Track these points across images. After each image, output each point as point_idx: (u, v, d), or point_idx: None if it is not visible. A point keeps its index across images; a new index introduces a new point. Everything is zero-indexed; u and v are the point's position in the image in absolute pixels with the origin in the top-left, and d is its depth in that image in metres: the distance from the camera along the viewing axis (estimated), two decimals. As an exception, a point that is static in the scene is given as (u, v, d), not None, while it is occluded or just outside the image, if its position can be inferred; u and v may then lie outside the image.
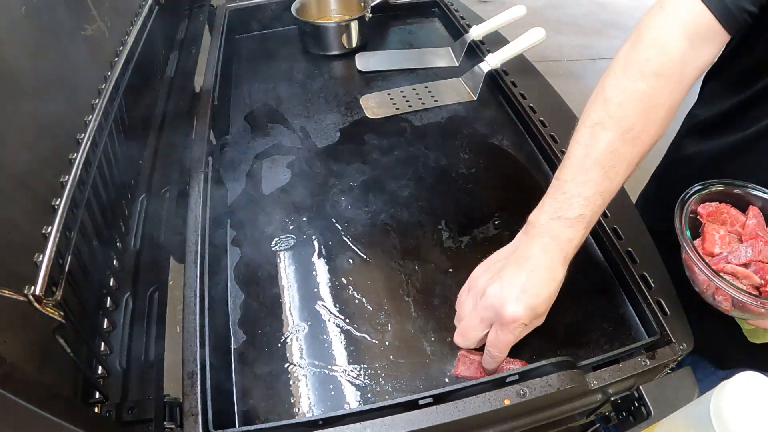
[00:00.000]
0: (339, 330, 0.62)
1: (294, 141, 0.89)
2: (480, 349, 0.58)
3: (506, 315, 0.51)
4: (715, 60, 0.57)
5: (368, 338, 0.61)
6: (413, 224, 0.74)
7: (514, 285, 0.51)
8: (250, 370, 0.59)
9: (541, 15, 3.32)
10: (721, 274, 0.49)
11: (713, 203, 0.54)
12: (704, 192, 0.54)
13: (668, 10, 0.55)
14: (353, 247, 0.71)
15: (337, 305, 0.64)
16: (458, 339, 0.57)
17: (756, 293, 0.48)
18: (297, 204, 0.78)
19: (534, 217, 0.55)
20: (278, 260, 0.70)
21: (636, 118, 0.52)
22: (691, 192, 0.54)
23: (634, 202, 0.77)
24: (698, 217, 0.54)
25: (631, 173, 0.54)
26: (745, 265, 0.50)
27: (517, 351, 0.59)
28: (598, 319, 0.61)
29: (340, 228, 0.74)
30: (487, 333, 0.55)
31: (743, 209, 0.54)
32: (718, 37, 0.55)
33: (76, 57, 0.73)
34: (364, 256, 0.70)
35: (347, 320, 0.63)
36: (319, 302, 0.65)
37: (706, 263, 0.48)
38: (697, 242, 0.52)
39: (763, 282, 0.48)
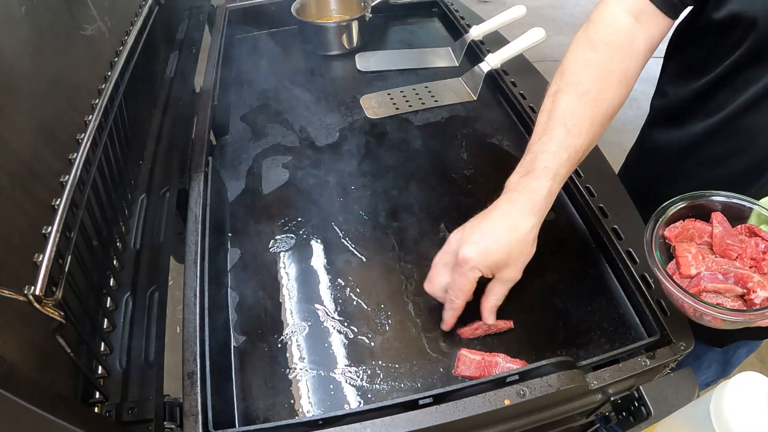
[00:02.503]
0: (338, 331, 0.62)
1: (294, 141, 0.89)
2: (480, 348, 0.59)
3: (459, 257, 0.54)
4: (663, 37, 0.63)
5: (367, 339, 0.61)
6: (413, 225, 0.74)
7: (473, 232, 0.55)
8: (250, 370, 0.59)
9: (541, 15, 3.32)
10: (705, 294, 0.48)
11: (677, 223, 0.54)
12: (667, 215, 0.53)
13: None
14: (352, 248, 0.71)
15: (337, 306, 0.64)
16: (426, 285, 0.60)
17: (743, 305, 0.48)
18: (296, 204, 0.78)
19: (507, 182, 0.58)
20: (278, 260, 0.70)
21: (591, 82, 0.57)
22: (655, 220, 0.53)
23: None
24: (667, 240, 0.54)
25: (596, 134, 0.58)
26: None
27: (517, 351, 0.59)
28: (598, 319, 0.61)
29: (339, 229, 0.74)
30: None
31: (707, 217, 0.54)
32: (662, 20, 0.61)
33: (76, 57, 0.73)
34: (363, 257, 0.70)
35: (346, 321, 0.63)
36: (319, 303, 0.65)
37: (688, 293, 0.47)
38: (672, 266, 0.52)
39: (745, 290, 0.48)
